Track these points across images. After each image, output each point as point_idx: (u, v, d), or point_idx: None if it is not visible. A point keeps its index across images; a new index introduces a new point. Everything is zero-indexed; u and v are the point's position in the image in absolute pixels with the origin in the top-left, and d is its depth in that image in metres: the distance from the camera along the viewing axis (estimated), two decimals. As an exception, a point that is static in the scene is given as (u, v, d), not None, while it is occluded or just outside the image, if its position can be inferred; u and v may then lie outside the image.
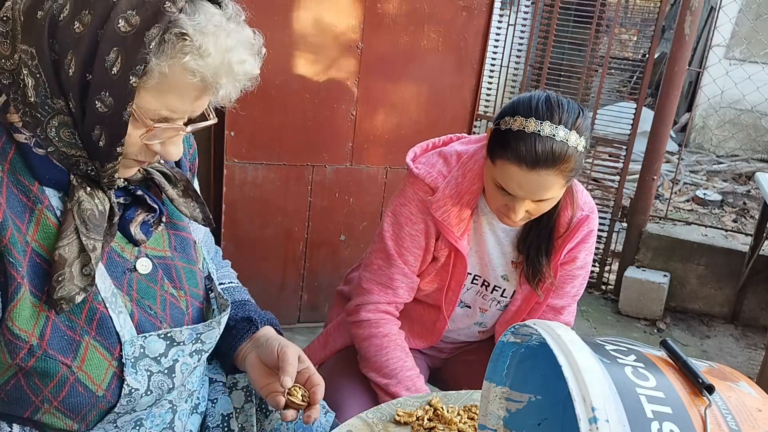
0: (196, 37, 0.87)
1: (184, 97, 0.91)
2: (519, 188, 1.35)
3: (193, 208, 1.12)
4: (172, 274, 1.09)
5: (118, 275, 1.01)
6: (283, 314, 2.94)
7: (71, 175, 0.94)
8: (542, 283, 1.55)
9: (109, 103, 0.87)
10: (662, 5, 3.25)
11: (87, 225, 0.93)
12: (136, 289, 1.02)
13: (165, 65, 0.87)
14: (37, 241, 0.93)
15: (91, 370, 0.96)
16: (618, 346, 0.84)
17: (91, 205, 0.94)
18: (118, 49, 0.85)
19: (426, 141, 1.62)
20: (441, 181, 1.49)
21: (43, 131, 0.91)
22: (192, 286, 1.12)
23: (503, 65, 3.43)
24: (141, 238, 1.03)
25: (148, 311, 1.03)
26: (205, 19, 0.88)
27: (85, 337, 0.95)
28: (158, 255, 1.08)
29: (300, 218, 2.78)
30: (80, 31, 0.85)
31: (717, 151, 6.96)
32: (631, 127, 3.39)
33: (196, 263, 1.14)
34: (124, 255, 1.02)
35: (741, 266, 3.50)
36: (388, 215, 1.56)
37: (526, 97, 1.37)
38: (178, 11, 0.86)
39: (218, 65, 0.89)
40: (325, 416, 1.29)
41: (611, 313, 3.54)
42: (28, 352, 0.92)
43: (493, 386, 0.99)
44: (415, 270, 1.56)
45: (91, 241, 0.93)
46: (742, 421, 0.76)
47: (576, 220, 1.52)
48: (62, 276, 0.91)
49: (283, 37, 2.48)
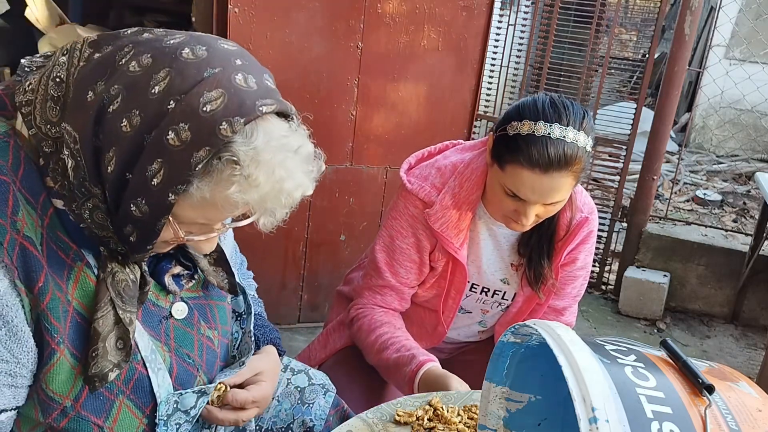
0: (246, 165, 0.79)
1: (225, 213, 0.86)
2: (532, 193, 1.33)
3: (222, 278, 1.08)
4: (207, 315, 1.07)
5: (154, 325, 0.99)
6: (283, 314, 2.94)
7: (101, 247, 0.91)
8: (544, 285, 1.55)
9: (144, 210, 0.81)
10: (662, 5, 3.25)
11: (122, 297, 0.90)
12: (173, 338, 1.01)
13: (207, 190, 0.80)
14: (78, 300, 0.90)
15: (122, 430, 0.95)
16: (618, 346, 0.84)
17: (124, 275, 0.91)
18: (162, 161, 0.78)
19: (421, 150, 1.62)
20: (434, 194, 1.48)
21: (78, 208, 0.86)
22: (223, 324, 1.11)
23: (503, 65, 3.43)
24: (174, 289, 1.01)
25: (186, 360, 1.01)
26: (264, 141, 0.80)
27: (120, 396, 0.94)
28: (192, 296, 1.06)
29: (300, 218, 2.78)
30: (127, 131, 0.78)
31: (717, 151, 6.95)
32: (631, 127, 3.39)
33: (225, 298, 1.13)
34: (159, 303, 1.00)
35: (741, 266, 3.50)
36: (382, 229, 1.57)
37: (530, 101, 1.36)
38: (234, 133, 0.78)
39: (266, 194, 0.82)
40: (324, 397, 1.28)
41: (611, 313, 3.54)
42: (61, 413, 0.90)
43: (493, 386, 0.99)
44: (407, 282, 1.56)
45: (128, 314, 0.90)
46: (742, 421, 0.76)
47: (576, 221, 1.52)
48: (96, 351, 0.88)
49: (283, 37, 2.48)
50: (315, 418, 1.25)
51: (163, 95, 0.78)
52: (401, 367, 1.42)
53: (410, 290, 1.58)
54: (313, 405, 1.26)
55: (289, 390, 1.29)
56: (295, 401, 1.27)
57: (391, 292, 1.57)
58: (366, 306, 1.58)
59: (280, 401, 1.28)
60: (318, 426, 1.25)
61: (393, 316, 1.57)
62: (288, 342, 2.86)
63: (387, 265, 1.54)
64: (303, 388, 1.29)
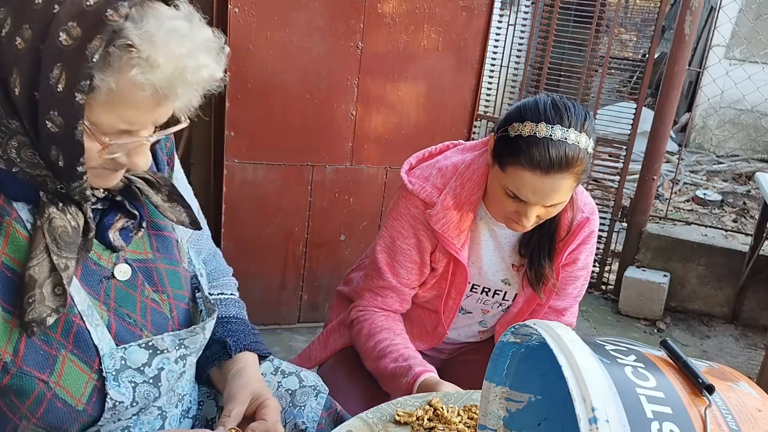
0: (143, 47, 0.80)
1: (139, 109, 0.86)
2: (533, 194, 1.33)
3: (179, 212, 1.07)
4: (154, 278, 1.05)
5: (93, 284, 0.97)
6: (283, 314, 2.94)
7: (41, 192, 0.90)
8: (545, 285, 1.55)
9: (59, 122, 0.82)
10: (662, 5, 3.25)
11: (58, 243, 0.89)
12: (113, 298, 0.99)
13: (111, 80, 0.81)
14: (8, 254, 0.88)
15: (69, 385, 0.93)
16: (618, 346, 0.84)
17: (63, 221, 0.90)
18: (61, 64, 0.79)
19: (422, 150, 1.62)
20: (435, 195, 1.48)
21: (5, 152, 0.86)
22: (176, 288, 1.08)
23: (503, 65, 3.43)
24: (120, 244, 0.99)
25: (126, 320, 0.99)
26: (156, 24, 0.82)
27: (62, 351, 0.92)
28: (138, 258, 1.04)
29: (300, 218, 2.78)
30: (22, 47, 0.80)
31: (717, 151, 6.95)
32: (631, 127, 3.39)
33: (179, 263, 1.11)
34: (100, 263, 0.98)
35: (741, 266, 3.50)
36: (383, 229, 1.57)
37: (531, 102, 1.35)
38: (123, 18, 0.80)
39: (170, 75, 0.83)
40: (316, 399, 1.27)
41: (611, 313, 3.54)
42: (2, 369, 0.89)
43: (493, 386, 0.99)
44: (408, 283, 1.56)
45: (63, 259, 0.89)
46: (742, 421, 0.76)
47: (577, 222, 1.52)
48: (32, 297, 0.87)
49: (283, 37, 2.48)
50: (307, 421, 1.24)
51: (46, 2, 0.80)
52: (398, 378, 1.43)
53: (411, 291, 1.58)
54: (305, 407, 1.25)
55: (280, 393, 1.26)
56: (286, 404, 1.24)
57: (392, 293, 1.57)
58: (366, 308, 1.58)
59: None
60: (310, 428, 1.23)
61: (393, 320, 1.57)
62: (288, 342, 2.86)
63: (388, 266, 1.54)
64: (294, 391, 1.27)
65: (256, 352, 1.21)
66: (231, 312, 1.25)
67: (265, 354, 1.23)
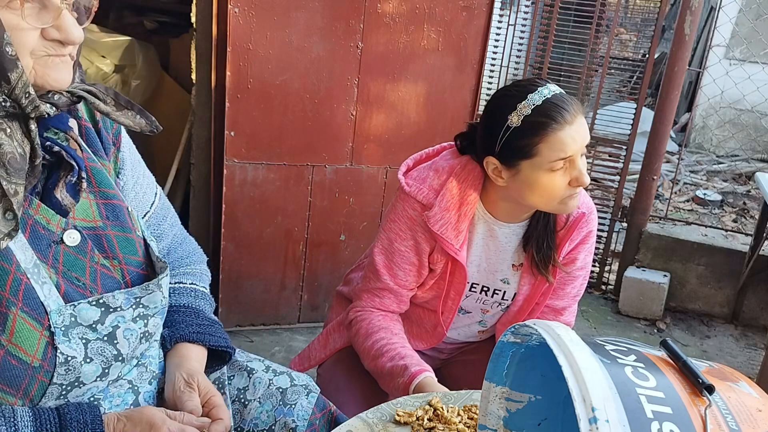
0: None
1: None
2: (573, 141, 1.37)
3: (132, 116, 1.05)
4: (104, 245, 1.05)
5: (42, 248, 0.98)
6: (283, 314, 2.94)
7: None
8: (553, 267, 1.55)
9: None
10: (662, 5, 3.25)
11: (7, 169, 0.89)
12: (62, 262, 0.99)
13: None
14: None
15: (21, 342, 0.93)
16: (618, 346, 0.84)
17: (11, 147, 0.90)
18: None
19: (419, 152, 1.62)
20: (433, 196, 1.48)
21: None
22: (129, 254, 1.08)
23: (503, 65, 3.43)
24: (70, 201, 1.00)
25: (75, 282, 1.00)
26: None
27: (12, 308, 0.93)
28: (88, 226, 1.04)
29: (300, 218, 2.78)
30: None
31: (717, 151, 6.95)
32: (631, 127, 3.39)
33: (132, 230, 1.10)
34: (50, 227, 0.99)
35: (741, 266, 3.50)
36: (380, 231, 1.57)
37: (500, 96, 1.44)
38: None
39: None
40: (307, 397, 1.27)
41: (611, 313, 3.54)
42: None
43: (493, 386, 0.99)
44: (405, 284, 1.56)
45: (12, 185, 0.89)
46: (742, 421, 0.76)
47: (574, 216, 1.53)
48: None
49: (283, 37, 2.48)
50: (297, 419, 1.23)
51: None
52: (395, 377, 1.43)
53: (409, 292, 1.58)
54: (295, 406, 1.24)
55: (271, 391, 1.26)
56: (276, 402, 1.24)
57: (390, 294, 1.57)
58: (364, 309, 1.58)
59: (262, 403, 1.25)
60: (301, 427, 1.23)
61: (391, 320, 1.57)
62: (288, 342, 2.86)
63: (385, 268, 1.55)
64: (285, 389, 1.27)
65: (200, 343, 1.19)
66: (181, 302, 1.24)
67: (214, 346, 1.21)
